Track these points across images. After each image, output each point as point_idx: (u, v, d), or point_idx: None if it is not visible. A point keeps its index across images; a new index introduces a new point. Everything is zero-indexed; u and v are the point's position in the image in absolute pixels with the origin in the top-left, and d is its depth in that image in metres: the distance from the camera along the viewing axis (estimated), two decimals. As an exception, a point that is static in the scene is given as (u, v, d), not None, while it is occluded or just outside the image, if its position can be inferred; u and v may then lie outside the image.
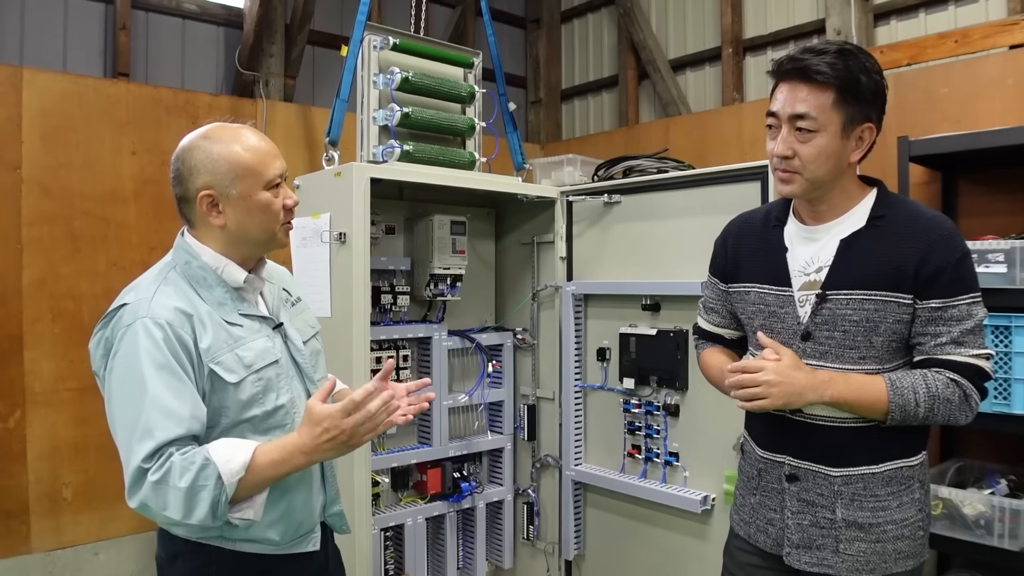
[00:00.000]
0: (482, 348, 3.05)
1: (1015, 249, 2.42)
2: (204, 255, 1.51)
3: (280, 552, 1.54)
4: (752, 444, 1.82)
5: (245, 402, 1.46)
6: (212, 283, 1.50)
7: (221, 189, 1.47)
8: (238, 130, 1.52)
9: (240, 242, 1.52)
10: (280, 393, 1.51)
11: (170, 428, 1.34)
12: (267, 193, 1.50)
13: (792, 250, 1.73)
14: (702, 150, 3.98)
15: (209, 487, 1.32)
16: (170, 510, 1.32)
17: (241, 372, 1.45)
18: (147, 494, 1.32)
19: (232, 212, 1.48)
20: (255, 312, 1.55)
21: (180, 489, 1.31)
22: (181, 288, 1.47)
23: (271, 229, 1.52)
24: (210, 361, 1.42)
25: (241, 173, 1.47)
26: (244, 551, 1.49)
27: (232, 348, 1.46)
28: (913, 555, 1.64)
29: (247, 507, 1.40)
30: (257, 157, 1.49)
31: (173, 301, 1.43)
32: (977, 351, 1.57)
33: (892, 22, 3.55)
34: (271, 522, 1.49)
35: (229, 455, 1.36)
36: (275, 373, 1.51)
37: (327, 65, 4.27)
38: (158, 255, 3.31)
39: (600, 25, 4.98)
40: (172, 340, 1.39)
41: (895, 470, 1.63)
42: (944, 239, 1.58)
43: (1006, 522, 2.43)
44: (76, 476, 3.21)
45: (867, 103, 1.61)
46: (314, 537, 1.60)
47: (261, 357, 1.49)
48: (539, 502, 3.12)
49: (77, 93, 3.23)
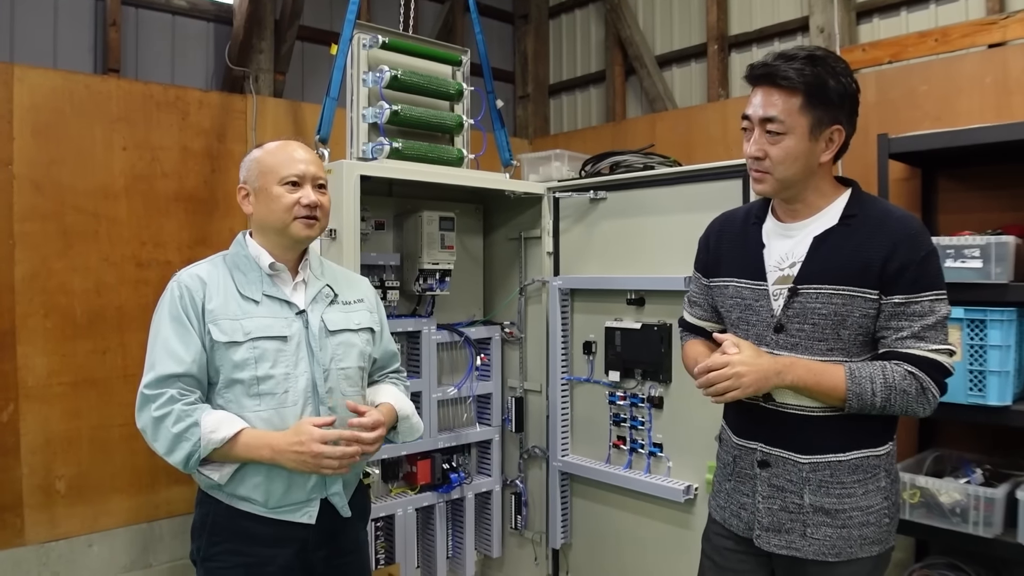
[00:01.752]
0: (470, 342, 3.10)
1: (990, 245, 2.47)
2: (250, 247, 1.82)
3: (269, 515, 1.74)
4: (728, 432, 1.88)
5: (237, 363, 1.70)
6: (248, 268, 1.79)
7: (251, 183, 1.81)
8: (283, 142, 1.86)
9: (264, 230, 1.81)
10: (276, 364, 1.73)
11: (170, 364, 1.65)
12: (281, 188, 1.77)
13: (769, 246, 1.79)
14: (688, 146, 4.03)
15: (191, 443, 1.62)
16: (158, 444, 1.64)
17: (237, 336, 1.70)
18: (147, 423, 1.64)
19: (256, 202, 1.80)
20: (279, 295, 1.79)
21: (171, 432, 1.62)
22: (217, 267, 1.79)
23: (284, 220, 1.77)
24: (210, 322, 1.70)
25: (263, 170, 1.79)
26: (236, 507, 1.74)
27: (237, 318, 1.72)
28: (878, 541, 1.71)
29: (215, 470, 1.69)
30: (279, 159, 1.80)
31: (199, 271, 1.76)
32: (937, 346, 1.63)
33: (874, 20, 3.61)
34: (255, 484, 1.72)
35: (215, 426, 1.64)
36: (276, 347, 1.74)
37: (316, 61, 4.30)
38: (149, 250, 3.44)
39: (588, 21, 5.02)
40: (185, 298, 1.71)
41: (861, 458, 1.69)
42: (910, 237, 1.64)
43: (981, 510, 2.48)
44: (69, 469, 3.24)
45: (835, 106, 1.67)
46: (308, 510, 1.77)
47: (264, 330, 1.73)
48: (527, 492, 3.18)
49: (68, 89, 3.25)
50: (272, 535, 1.74)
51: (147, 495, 3.45)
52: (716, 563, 1.88)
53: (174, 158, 3.55)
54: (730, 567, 1.84)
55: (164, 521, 3.50)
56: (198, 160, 3.62)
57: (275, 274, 1.80)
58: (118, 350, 3.38)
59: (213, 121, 3.67)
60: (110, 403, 3.35)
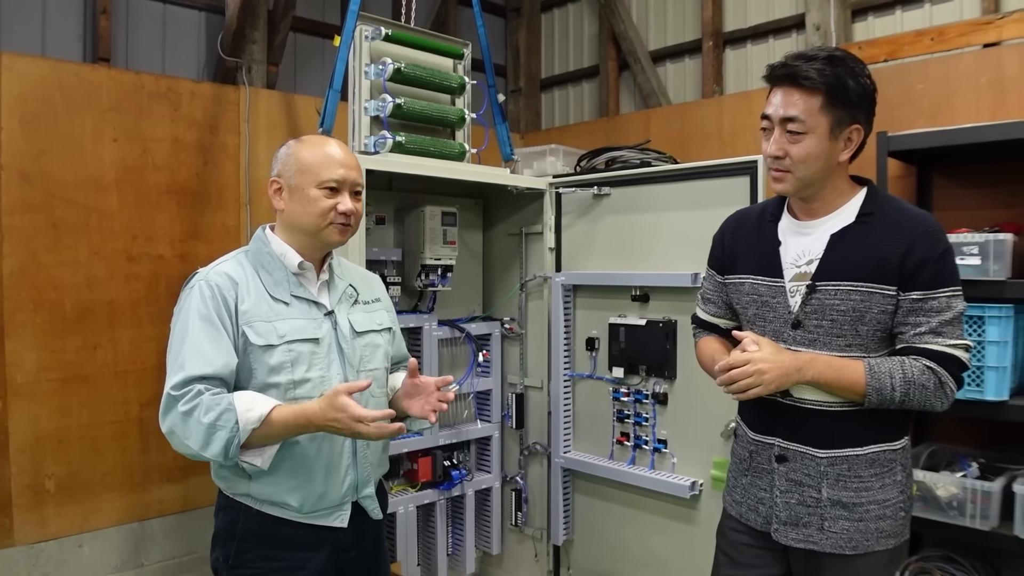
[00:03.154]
0: (472, 338, 3.08)
1: (989, 242, 2.51)
2: (273, 243, 1.77)
3: (303, 520, 1.70)
4: (744, 428, 1.89)
5: (273, 367, 1.65)
6: (273, 267, 1.74)
7: (286, 179, 1.75)
8: (323, 139, 1.80)
9: (293, 229, 1.76)
10: (312, 367, 1.69)
11: (199, 366, 1.58)
12: (318, 191, 1.72)
13: (785, 244, 1.80)
14: (682, 142, 4.04)
15: (227, 428, 1.53)
16: (191, 440, 1.54)
17: (272, 339, 1.65)
18: (175, 421, 1.55)
19: (289, 199, 1.74)
20: (308, 296, 1.75)
21: (203, 424, 1.53)
22: (243, 265, 1.73)
23: (317, 224, 1.72)
24: (244, 324, 1.65)
25: (302, 168, 1.73)
26: (268, 513, 1.68)
27: (271, 320, 1.68)
28: (894, 534, 1.73)
29: (256, 455, 1.61)
30: (321, 160, 1.73)
31: (227, 270, 1.70)
32: (954, 341, 1.66)
33: (869, 18, 3.63)
34: (291, 487, 1.67)
35: (250, 405, 1.56)
36: (310, 349, 1.70)
37: (309, 52, 4.24)
38: (140, 244, 3.38)
39: (580, 15, 5.01)
40: (217, 298, 1.64)
41: (878, 452, 1.71)
42: (928, 234, 1.67)
43: (978, 503, 2.52)
44: (59, 468, 3.18)
45: (855, 106, 1.69)
46: (341, 514, 1.75)
47: (298, 332, 1.69)
48: (527, 489, 3.18)
49: (57, 78, 3.17)
50: (307, 539, 1.71)
51: (138, 494, 3.39)
52: (732, 558, 1.89)
53: (166, 150, 3.48)
54: (746, 562, 1.86)
55: (156, 520, 3.44)
56: (190, 152, 3.56)
57: (301, 273, 1.76)
58: (109, 346, 3.32)
59: (205, 112, 3.61)
60: (101, 400, 3.29)
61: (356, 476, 1.77)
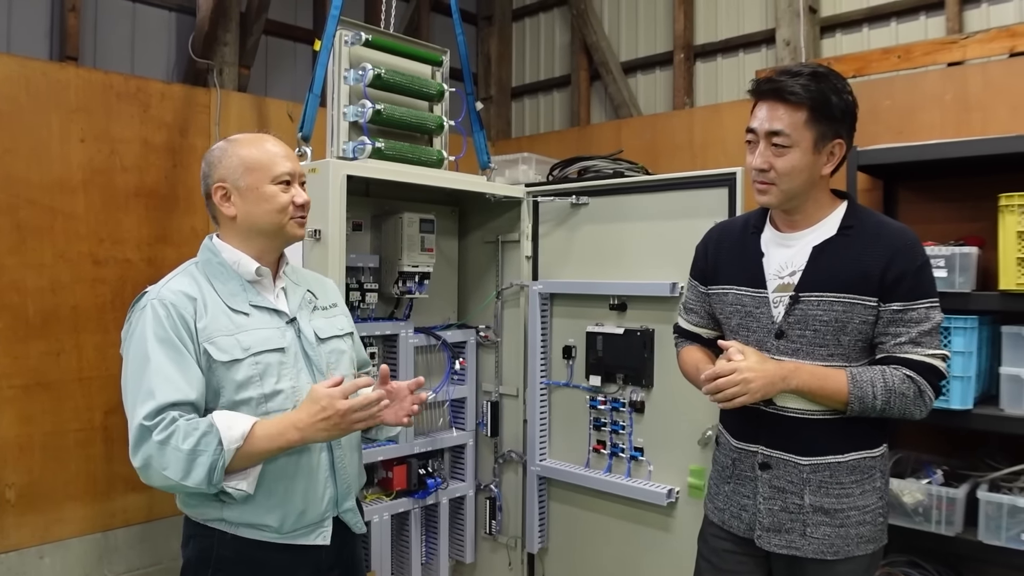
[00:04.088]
0: (448, 345, 3.07)
1: (955, 255, 2.59)
2: (224, 252, 1.68)
3: (283, 541, 1.61)
4: (727, 436, 1.92)
5: (241, 382, 1.56)
6: (228, 276, 1.66)
7: (232, 182, 1.66)
8: (258, 136, 1.73)
9: (251, 233, 1.68)
10: (281, 378, 1.62)
11: (169, 392, 1.48)
12: (273, 187, 1.66)
13: (768, 255, 1.84)
14: (654, 153, 4.08)
15: (209, 452, 1.45)
16: (170, 470, 1.44)
17: (237, 353, 1.57)
18: (151, 452, 1.45)
19: (241, 203, 1.66)
20: (267, 304, 1.68)
21: (182, 451, 1.44)
22: (196, 279, 1.64)
23: (278, 221, 1.67)
24: (205, 340, 1.55)
25: (250, 167, 1.66)
26: (245, 536, 1.59)
27: (232, 333, 1.58)
28: (873, 540, 1.77)
29: (241, 478, 1.52)
30: (267, 156, 1.67)
31: (181, 286, 1.60)
32: (933, 351, 1.71)
33: (837, 35, 3.73)
34: (269, 506, 1.59)
35: (231, 423, 1.48)
36: (277, 360, 1.62)
37: (280, 56, 4.20)
38: (107, 247, 3.31)
39: (552, 25, 5.04)
40: (174, 318, 1.54)
41: (859, 459, 1.75)
42: (907, 248, 1.72)
43: (943, 509, 2.59)
44: (20, 477, 3.08)
45: (837, 121, 1.74)
46: (323, 531, 1.67)
47: (262, 343, 1.61)
48: (501, 497, 3.17)
49: (24, 76, 3.09)
50: (288, 562, 1.63)
51: (102, 503, 3.30)
52: (714, 564, 1.91)
53: (135, 151, 3.41)
54: (728, 568, 1.88)
55: (120, 530, 3.36)
56: (159, 154, 3.49)
57: (258, 280, 1.68)
58: (73, 352, 3.23)
59: (176, 114, 3.55)
60: (64, 407, 3.20)
61: (336, 490, 1.70)
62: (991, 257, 2.64)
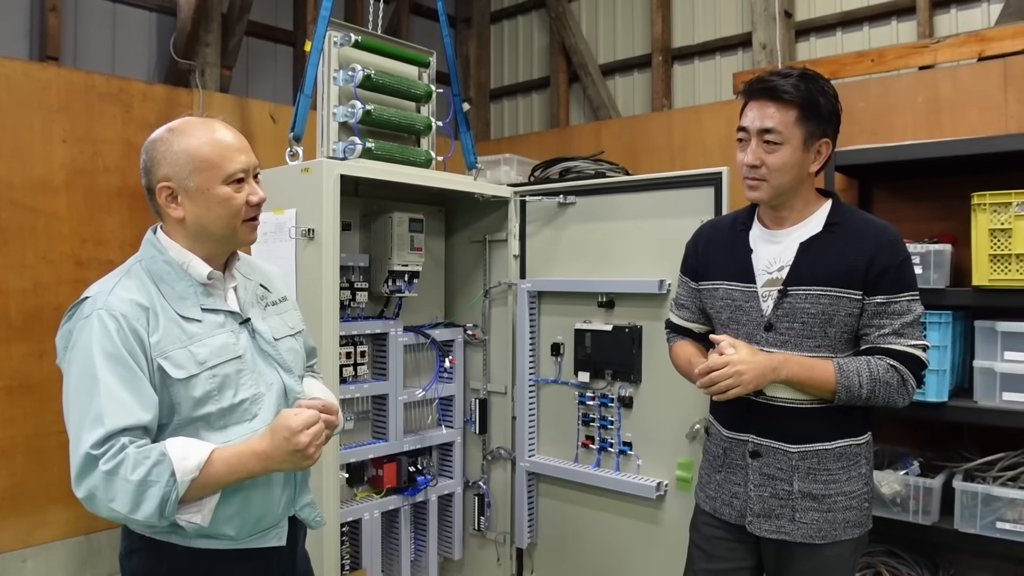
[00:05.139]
0: (437, 344, 3.10)
1: (930, 252, 2.67)
2: (171, 250, 1.51)
3: (239, 547, 1.51)
4: (718, 426, 1.98)
5: (198, 399, 1.44)
6: (175, 278, 1.49)
7: (179, 181, 1.47)
8: (205, 123, 1.52)
9: (201, 237, 1.51)
10: (240, 389, 1.49)
11: (120, 417, 1.33)
12: (227, 187, 1.48)
13: (756, 251, 1.90)
14: (633, 154, 4.15)
15: (161, 483, 1.31)
16: (117, 503, 1.31)
17: (192, 368, 1.43)
18: (96, 483, 1.31)
19: (190, 205, 1.48)
20: (219, 307, 1.53)
21: (131, 482, 1.30)
22: (143, 282, 1.47)
23: (231, 225, 1.51)
24: (158, 356, 1.41)
25: (199, 166, 1.46)
26: (199, 547, 1.47)
27: (185, 345, 1.44)
28: (859, 524, 1.84)
29: (195, 510, 1.39)
30: (218, 150, 1.48)
31: (131, 294, 1.43)
32: (915, 342, 1.78)
33: (811, 39, 3.83)
34: (227, 517, 1.46)
35: (186, 453, 1.35)
36: (235, 369, 1.49)
37: (261, 57, 4.20)
38: (90, 248, 3.29)
39: (530, 27, 5.09)
40: (125, 331, 1.38)
41: (845, 447, 1.82)
42: (890, 243, 1.80)
43: (920, 499, 2.67)
44: (2, 480, 3.05)
45: (825, 121, 1.82)
46: (278, 532, 1.58)
47: (218, 353, 1.48)
48: (490, 493, 3.20)
49: (4, 76, 3.06)
50: (245, 567, 1.53)
51: (85, 506, 3.27)
52: (706, 552, 1.96)
53: (117, 152, 3.39)
54: (720, 555, 1.94)
55: (103, 533, 3.33)
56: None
57: (210, 284, 1.53)
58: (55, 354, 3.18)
59: (158, 115, 3.53)
60: (47, 409, 3.17)
61: (294, 488, 1.60)
62: (963, 254, 2.73)
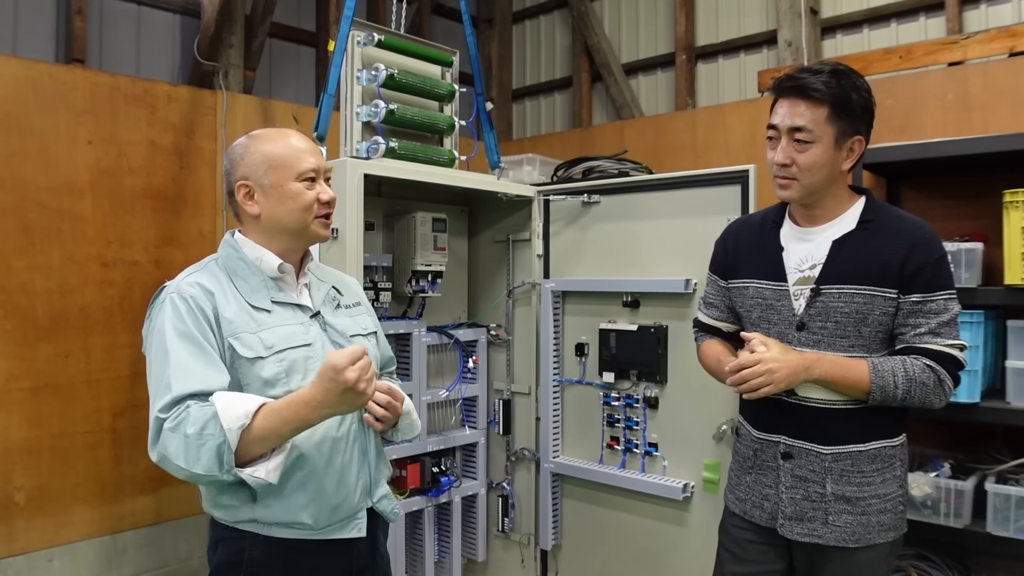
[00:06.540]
0: (460, 344, 3.09)
1: (961, 251, 2.63)
2: (246, 247, 1.65)
3: (318, 537, 1.58)
4: (748, 427, 1.94)
5: (267, 380, 1.53)
6: (248, 273, 1.62)
7: (256, 179, 1.61)
8: (280, 130, 1.68)
9: (275, 232, 1.63)
10: (309, 374, 1.55)
11: (188, 383, 1.43)
12: (299, 184, 1.61)
13: (787, 249, 1.87)
14: (656, 153, 4.12)
15: (214, 434, 1.38)
16: (180, 458, 1.39)
17: (260, 351, 1.53)
18: (164, 442, 1.41)
19: (265, 201, 1.61)
20: (290, 300, 1.64)
21: (189, 436, 1.39)
22: (216, 275, 1.60)
23: (303, 220, 1.62)
24: (229, 336, 1.52)
25: (274, 164, 1.61)
26: (278, 536, 1.55)
27: (255, 331, 1.55)
28: (894, 527, 1.80)
29: (260, 466, 1.43)
30: (291, 151, 1.62)
31: (200, 279, 1.57)
32: (952, 341, 1.74)
33: (838, 36, 3.78)
34: (302, 503, 1.54)
35: (229, 402, 1.41)
36: (303, 356, 1.58)
37: (284, 58, 4.21)
38: (115, 249, 3.31)
39: (553, 27, 5.08)
40: (194, 311, 1.50)
41: (879, 448, 1.78)
42: (926, 241, 1.76)
43: (951, 502, 2.62)
44: (29, 480, 3.07)
45: (857, 118, 1.78)
46: (358, 523, 1.63)
47: (286, 340, 1.57)
48: (514, 495, 3.18)
49: (31, 79, 3.08)
50: (324, 559, 1.59)
51: (111, 506, 3.29)
52: (735, 554, 1.93)
53: (142, 153, 3.41)
54: (750, 558, 1.91)
55: (129, 533, 3.34)
56: (166, 156, 3.49)
57: (281, 277, 1.64)
58: (81, 354, 3.22)
59: (182, 116, 3.55)
60: (73, 410, 3.19)
61: (368, 477, 1.66)
62: (994, 253, 2.68)
